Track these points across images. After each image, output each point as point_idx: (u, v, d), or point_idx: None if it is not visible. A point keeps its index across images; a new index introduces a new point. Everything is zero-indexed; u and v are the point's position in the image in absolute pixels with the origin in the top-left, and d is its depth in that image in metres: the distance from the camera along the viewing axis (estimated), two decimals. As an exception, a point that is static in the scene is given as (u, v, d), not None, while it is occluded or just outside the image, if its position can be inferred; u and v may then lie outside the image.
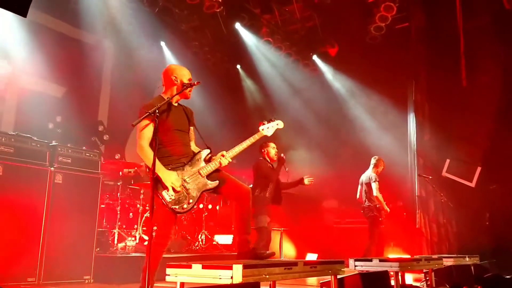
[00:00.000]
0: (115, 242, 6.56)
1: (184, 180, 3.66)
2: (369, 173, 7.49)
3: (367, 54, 9.73)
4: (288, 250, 9.25)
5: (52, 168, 5.26)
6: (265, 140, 6.52)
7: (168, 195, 3.59)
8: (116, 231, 6.64)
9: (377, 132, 9.78)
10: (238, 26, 9.67)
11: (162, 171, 3.57)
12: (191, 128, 4.04)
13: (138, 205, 7.08)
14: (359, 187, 7.57)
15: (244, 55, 10.39)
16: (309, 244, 9.33)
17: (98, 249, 5.98)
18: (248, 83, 11.46)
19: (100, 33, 8.88)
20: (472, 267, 6.09)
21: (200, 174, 3.77)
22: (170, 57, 10.17)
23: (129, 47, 9.07)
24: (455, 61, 8.60)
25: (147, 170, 3.75)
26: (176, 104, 3.90)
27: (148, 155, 3.56)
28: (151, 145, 3.60)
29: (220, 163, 3.87)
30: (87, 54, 8.81)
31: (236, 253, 3.99)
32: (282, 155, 6.30)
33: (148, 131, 3.60)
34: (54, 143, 5.49)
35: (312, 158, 9.71)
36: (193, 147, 4.03)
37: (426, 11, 8.99)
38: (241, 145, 4.02)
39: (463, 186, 8.09)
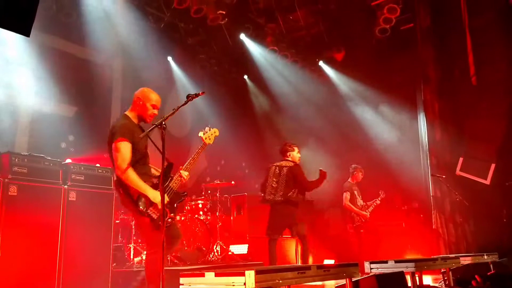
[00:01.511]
0: (131, 256, 6.60)
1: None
2: (345, 183, 7.99)
3: (374, 56, 9.74)
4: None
5: (66, 186, 5.34)
6: (289, 143, 6.60)
7: (154, 213, 3.76)
8: (131, 245, 6.68)
9: (389, 134, 9.74)
10: (243, 37, 9.76)
11: (149, 190, 3.77)
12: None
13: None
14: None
15: (251, 65, 10.47)
16: (326, 250, 9.27)
17: (115, 264, 6.04)
18: (256, 93, 11.51)
19: (108, 52, 9.01)
20: (491, 265, 6.01)
21: (171, 188, 3.97)
22: (178, 72, 10.29)
23: (137, 64, 9.19)
24: (463, 59, 8.56)
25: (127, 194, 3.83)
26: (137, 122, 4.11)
27: (132, 177, 3.73)
28: (136, 163, 3.80)
29: (182, 177, 4.05)
30: (96, 73, 8.93)
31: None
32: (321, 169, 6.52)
33: (128, 153, 3.76)
34: (67, 161, 5.58)
35: (324, 163, 9.65)
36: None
37: (430, 11, 8.96)
38: (192, 158, 4.16)
39: (478, 184, 7.98)
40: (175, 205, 4.00)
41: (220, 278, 2.99)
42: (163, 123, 3.41)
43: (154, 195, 3.77)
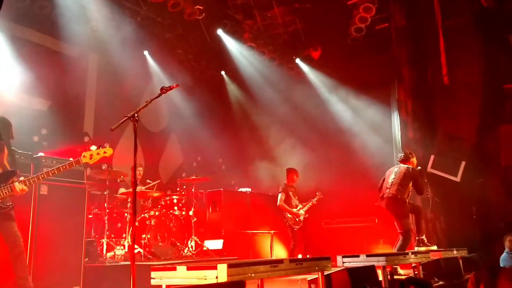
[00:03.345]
0: (104, 251, 6.53)
1: None
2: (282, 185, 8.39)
3: (349, 55, 9.86)
4: (279, 253, 9.27)
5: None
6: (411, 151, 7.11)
7: None
8: (104, 240, 6.61)
9: (363, 132, 9.88)
10: (220, 32, 9.74)
11: None
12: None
13: (126, 214, 7.07)
14: None
15: (228, 61, 10.46)
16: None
17: (87, 259, 5.96)
18: (233, 89, 11.52)
19: (83, 46, 8.88)
20: (460, 260, 6.17)
21: None
22: (154, 67, 10.20)
23: (113, 58, 9.07)
24: (436, 60, 8.74)
25: None
26: None
27: None
28: None
29: (14, 189, 3.97)
30: (71, 67, 8.77)
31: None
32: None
33: None
34: (39, 154, 5.47)
35: (299, 160, 9.75)
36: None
37: (405, 11, 9.12)
38: (46, 173, 4.12)
39: (449, 181, 8.17)
40: None
41: (192, 272, 3.00)
42: (136, 115, 3.38)
43: None
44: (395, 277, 5.02)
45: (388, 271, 4.62)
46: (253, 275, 3.10)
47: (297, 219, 8.26)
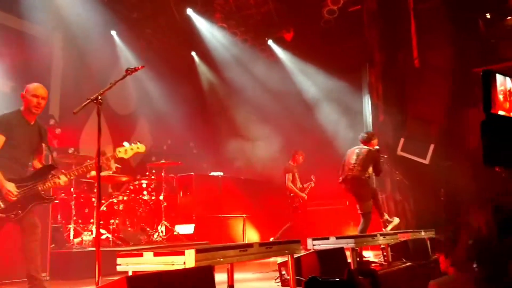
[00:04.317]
0: (71, 237, 6.38)
1: (19, 192, 3.91)
2: (287, 165, 8.40)
3: (322, 38, 9.82)
4: (252, 236, 9.28)
5: None
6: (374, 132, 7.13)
7: None
8: (71, 226, 6.45)
9: (335, 114, 9.90)
10: (190, 12, 9.51)
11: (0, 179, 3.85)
12: (43, 144, 4.30)
13: (94, 199, 6.91)
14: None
15: (199, 42, 10.25)
16: (273, 229, 9.38)
17: (53, 245, 5.82)
18: (204, 70, 11.32)
19: (48, 25, 8.54)
20: (428, 241, 6.27)
21: (37, 188, 4.01)
22: (122, 47, 9.91)
23: (79, 39, 8.77)
24: (407, 43, 8.77)
25: None
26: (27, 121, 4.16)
27: None
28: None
29: (58, 183, 4.11)
30: (35, 47, 8.45)
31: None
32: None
33: None
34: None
35: (270, 142, 9.72)
36: (36, 163, 4.30)
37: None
38: (81, 168, 4.22)
39: (417, 163, 8.29)
40: (31, 205, 3.99)
41: (159, 257, 2.92)
42: (99, 98, 3.24)
43: (8, 187, 3.85)
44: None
45: (357, 253, 4.65)
46: (222, 260, 3.05)
47: (301, 201, 8.31)
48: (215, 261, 2.97)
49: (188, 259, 2.79)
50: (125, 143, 4.35)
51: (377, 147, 6.98)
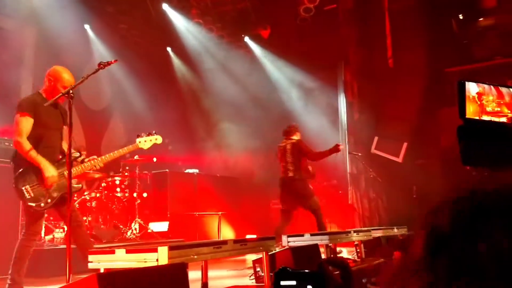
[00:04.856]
0: (42, 234, 6.23)
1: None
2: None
3: (298, 36, 9.84)
4: (228, 234, 9.25)
5: (-34, 159, 4.89)
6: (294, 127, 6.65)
7: (27, 192, 3.71)
8: (43, 223, 6.30)
9: (310, 112, 9.95)
10: (166, 7, 9.41)
11: (44, 162, 3.71)
12: (64, 127, 4.12)
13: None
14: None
15: (174, 38, 10.15)
16: (248, 226, 9.39)
17: (23, 243, 5.67)
18: (179, 66, 11.21)
19: (19, 18, 8.31)
20: (401, 238, 6.38)
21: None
22: (96, 42, 9.72)
23: (51, 32, 8.56)
24: (381, 42, 8.88)
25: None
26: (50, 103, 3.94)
27: (24, 147, 3.68)
28: (33, 137, 3.75)
29: (91, 167, 4.03)
30: (6, 40, 8.21)
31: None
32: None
33: (27, 126, 3.73)
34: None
35: (245, 139, 9.71)
36: (64, 146, 4.11)
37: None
38: (113, 154, 4.14)
39: (391, 162, 8.41)
40: (59, 194, 3.87)
41: (131, 254, 2.88)
42: (71, 92, 3.17)
43: (46, 166, 3.70)
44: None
45: (331, 250, 4.70)
46: (195, 257, 3.02)
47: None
48: (189, 258, 2.94)
49: (161, 256, 2.75)
50: (143, 134, 4.34)
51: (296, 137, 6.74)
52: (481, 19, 8.87)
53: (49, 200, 3.80)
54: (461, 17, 8.85)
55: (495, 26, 8.78)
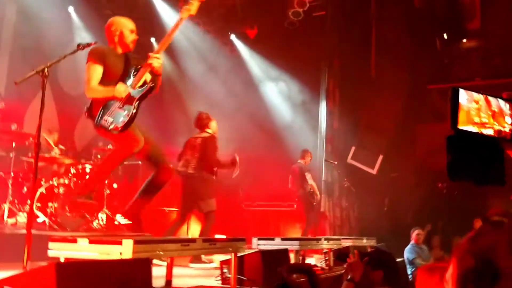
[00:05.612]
0: (5, 217, 6.02)
1: None
2: (301, 164, 7.99)
3: (285, 39, 9.80)
4: (197, 233, 9.11)
5: None
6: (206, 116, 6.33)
7: (107, 123, 3.80)
8: (6, 205, 6.08)
9: (291, 116, 9.93)
10: (153, -3, 9.27)
11: (110, 89, 3.81)
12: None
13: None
14: (291, 176, 8.05)
15: (159, 28, 9.97)
16: (218, 226, 9.26)
17: (-17, 225, 5.47)
18: (162, 58, 11.02)
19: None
20: (369, 249, 6.39)
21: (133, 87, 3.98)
22: (79, 25, 9.49)
23: (32, 13, 8.31)
24: (366, 52, 8.94)
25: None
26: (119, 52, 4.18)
27: (96, 89, 3.86)
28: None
29: (151, 66, 4.16)
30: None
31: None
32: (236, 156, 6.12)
33: (96, 75, 3.86)
34: None
35: (224, 138, 9.59)
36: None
37: (343, 1, 9.22)
38: (169, 37, 4.34)
39: (365, 173, 8.46)
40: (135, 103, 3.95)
41: (94, 245, 2.77)
42: (45, 70, 3.04)
43: (119, 88, 3.84)
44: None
45: (300, 255, 4.65)
46: (162, 253, 2.93)
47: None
48: (155, 253, 2.84)
49: (125, 250, 2.64)
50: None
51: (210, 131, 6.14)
52: (464, 40, 9.02)
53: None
54: (445, 36, 8.98)
55: (477, 48, 8.94)
